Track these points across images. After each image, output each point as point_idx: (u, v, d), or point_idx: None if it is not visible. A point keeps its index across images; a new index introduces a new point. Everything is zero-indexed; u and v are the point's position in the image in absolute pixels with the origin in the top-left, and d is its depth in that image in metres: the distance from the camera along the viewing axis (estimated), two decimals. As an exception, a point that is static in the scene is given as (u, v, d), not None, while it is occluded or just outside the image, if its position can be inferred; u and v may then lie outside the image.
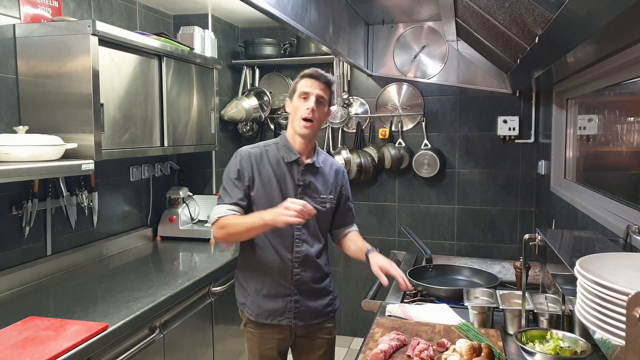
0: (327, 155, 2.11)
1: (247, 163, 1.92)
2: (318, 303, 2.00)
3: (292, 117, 1.93)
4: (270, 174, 1.92)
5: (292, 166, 1.94)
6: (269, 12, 1.77)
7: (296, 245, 1.94)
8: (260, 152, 1.95)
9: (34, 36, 2.18)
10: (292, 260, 1.94)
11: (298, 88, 1.92)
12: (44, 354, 1.58)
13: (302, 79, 1.93)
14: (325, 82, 1.92)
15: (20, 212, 2.26)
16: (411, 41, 3.65)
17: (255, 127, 3.96)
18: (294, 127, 1.92)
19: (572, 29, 1.25)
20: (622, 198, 1.87)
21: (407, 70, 3.67)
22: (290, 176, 1.93)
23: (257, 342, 1.99)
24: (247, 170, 1.91)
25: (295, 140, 1.94)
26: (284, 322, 1.95)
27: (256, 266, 1.96)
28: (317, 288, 2.00)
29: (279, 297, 1.95)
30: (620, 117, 2.05)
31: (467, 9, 2.17)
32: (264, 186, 1.92)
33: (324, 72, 1.94)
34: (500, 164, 3.56)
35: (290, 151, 1.94)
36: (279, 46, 3.76)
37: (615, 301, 0.89)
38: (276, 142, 1.99)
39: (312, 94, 1.88)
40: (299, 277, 1.95)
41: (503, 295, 1.92)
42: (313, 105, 1.87)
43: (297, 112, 1.90)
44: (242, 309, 2.01)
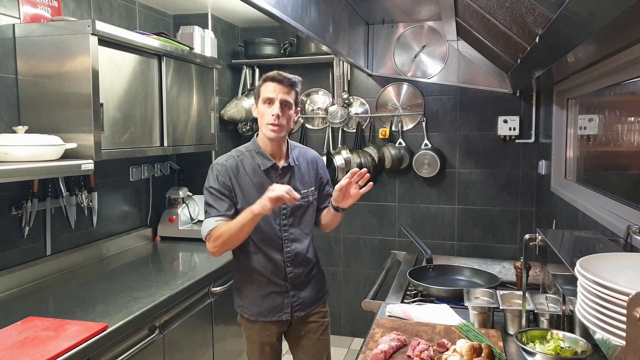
0: (301, 147, 2.12)
1: (224, 177, 1.93)
2: (313, 291, 2.08)
3: (260, 123, 1.94)
4: (250, 184, 1.94)
5: (269, 172, 1.96)
6: (269, 12, 1.77)
7: (285, 245, 1.99)
8: (236, 163, 1.96)
9: (33, 36, 2.18)
10: (283, 260, 1.99)
11: (262, 93, 1.91)
12: (43, 354, 1.58)
13: (264, 82, 1.92)
14: (289, 84, 1.91)
15: (19, 212, 2.26)
16: (411, 41, 3.65)
17: (255, 127, 3.95)
18: (264, 132, 1.93)
19: (573, 29, 1.25)
20: (623, 198, 1.87)
21: (407, 70, 3.67)
22: (269, 182, 1.92)
23: (257, 331, 2.04)
24: (227, 185, 1.92)
25: (267, 144, 1.96)
26: (283, 318, 2.01)
27: (250, 271, 2.00)
28: (308, 279, 2.07)
29: (276, 294, 2.00)
30: (620, 117, 2.05)
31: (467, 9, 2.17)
32: (245, 197, 1.92)
33: (287, 74, 1.92)
34: (501, 164, 3.56)
35: (264, 157, 1.96)
36: (279, 46, 3.76)
37: (616, 301, 0.89)
38: (249, 149, 1.99)
39: (276, 99, 1.88)
40: (292, 275, 2.01)
41: (503, 296, 1.92)
42: (278, 111, 1.87)
43: (263, 118, 1.91)
44: (240, 311, 2.06)
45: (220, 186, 1.92)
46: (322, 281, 2.16)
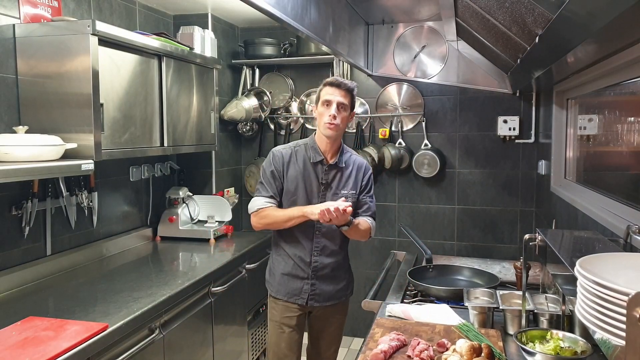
0: (354, 153, 2.30)
1: (278, 163, 2.18)
2: (333, 287, 2.25)
3: (319, 122, 2.15)
4: (298, 172, 2.17)
5: (317, 166, 2.18)
6: (269, 12, 1.77)
7: (316, 236, 2.19)
8: (290, 152, 2.20)
9: (33, 36, 2.18)
10: (311, 248, 2.20)
11: (321, 96, 2.14)
12: (43, 354, 1.58)
13: (324, 87, 2.15)
14: (346, 89, 2.12)
15: (20, 212, 2.26)
16: (411, 41, 3.65)
17: (255, 127, 3.96)
18: (321, 130, 2.14)
19: (573, 29, 1.25)
20: (622, 198, 1.87)
21: (407, 70, 3.67)
22: (314, 175, 2.17)
23: (279, 311, 2.25)
24: (279, 169, 2.17)
25: (322, 141, 2.17)
26: (298, 302, 2.21)
27: (282, 251, 2.24)
28: (333, 275, 2.24)
29: (297, 278, 2.21)
30: (620, 117, 2.05)
31: (467, 9, 2.17)
32: (290, 182, 2.17)
33: (344, 80, 2.15)
34: (501, 164, 3.56)
35: (316, 152, 2.17)
36: (279, 46, 3.76)
37: (616, 301, 0.89)
38: (305, 143, 2.22)
39: (334, 102, 2.10)
40: (317, 264, 2.20)
41: (503, 296, 1.92)
42: (335, 112, 2.09)
43: (321, 118, 2.13)
44: (267, 286, 2.31)
45: (274, 169, 2.17)
46: (345, 281, 2.31)
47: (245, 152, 4.02)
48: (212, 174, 3.57)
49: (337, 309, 2.32)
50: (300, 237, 2.20)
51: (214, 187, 3.58)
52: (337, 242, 2.24)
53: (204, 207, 3.40)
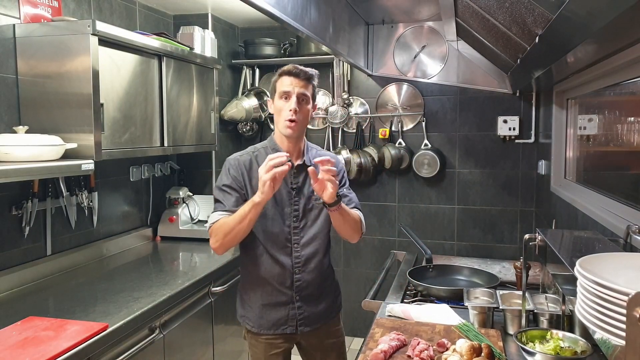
0: (319, 148, 2.03)
1: (236, 172, 1.86)
2: (321, 306, 1.95)
3: (276, 119, 1.85)
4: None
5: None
6: (269, 12, 1.77)
7: (295, 249, 1.87)
8: (250, 159, 1.88)
9: (33, 36, 2.18)
10: (292, 265, 1.87)
11: (278, 87, 1.83)
12: (43, 354, 1.58)
13: (280, 77, 1.83)
14: (306, 78, 1.82)
15: (20, 212, 2.26)
16: (411, 41, 3.65)
17: (255, 127, 3.96)
18: (279, 128, 1.84)
19: (572, 29, 1.25)
20: (622, 198, 1.87)
21: (407, 70, 3.67)
22: (282, 180, 1.78)
23: (262, 349, 1.92)
24: (238, 180, 1.85)
25: (283, 141, 1.87)
26: (287, 331, 1.90)
27: (256, 277, 1.90)
28: (319, 291, 1.94)
29: (280, 305, 1.89)
30: (620, 117, 2.05)
31: (467, 9, 2.17)
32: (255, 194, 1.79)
33: (303, 68, 1.84)
34: (501, 164, 3.56)
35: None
36: (279, 46, 3.76)
37: (616, 301, 0.89)
38: (264, 146, 1.91)
39: (293, 93, 1.79)
40: (300, 283, 1.88)
41: (503, 296, 1.92)
42: (295, 106, 1.78)
43: (280, 114, 1.82)
44: (242, 321, 1.96)
45: (231, 181, 1.85)
46: (334, 295, 2.02)
47: (245, 152, 4.02)
48: (212, 174, 3.57)
49: (331, 332, 2.00)
50: (276, 254, 1.86)
51: (214, 187, 3.57)
52: (320, 250, 1.91)
53: (204, 207, 3.40)
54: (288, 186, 1.87)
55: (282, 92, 1.81)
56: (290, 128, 1.80)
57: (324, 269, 1.95)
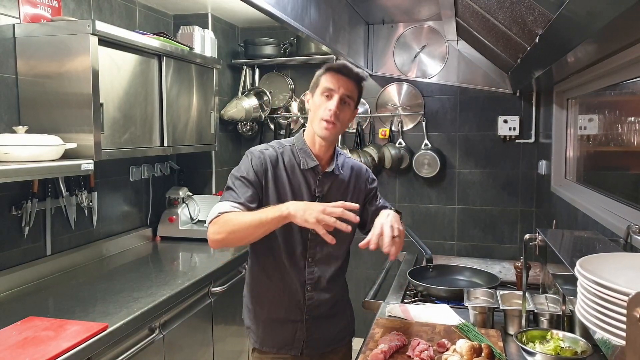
0: (347, 155, 1.83)
1: (259, 166, 1.64)
2: (332, 329, 1.78)
3: (312, 116, 1.65)
4: (285, 182, 1.65)
5: (308, 174, 1.67)
6: (269, 12, 1.77)
7: (309, 265, 1.70)
8: (276, 154, 1.67)
9: (33, 36, 2.18)
10: (304, 282, 1.70)
11: (321, 83, 1.63)
12: (43, 354, 1.57)
13: (326, 72, 1.64)
14: (356, 79, 1.64)
15: (19, 212, 2.26)
16: (411, 41, 3.64)
17: (255, 127, 3.96)
18: (314, 127, 1.64)
19: (573, 29, 1.25)
20: (623, 198, 1.87)
21: (407, 70, 3.67)
22: (306, 186, 1.65)
23: None
24: (260, 174, 1.63)
25: (315, 143, 1.67)
26: (292, 352, 1.73)
27: (264, 288, 1.73)
28: (331, 313, 1.77)
29: (287, 323, 1.72)
30: (620, 117, 2.05)
31: (467, 9, 2.17)
32: (276, 196, 1.64)
33: (355, 68, 1.64)
34: (501, 164, 3.56)
35: (308, 156, 1.67)
36: (279, 46, 3.76)
37: (616, 301, 0.89)
38: (291, 144, 1.71)
39: (337, 93, 1.60)
40: (312, 302, 1.71)
41: (503, 296, 1.91)
42: (335, 107, 1.59)
43: (317, 111, 1.62)
44: (248, 334, 1.81)
45: (253, 173, 1.62)
46: (347, 319, 1.86)
47: (245, 152, 4.02)
48: (212, 174, 3.57)
49: (340, 356, 1.85)
50: (289, 267, 1.68)
51: (214, 187, 3.58)
52: (334, 269, 1.76)
53: (204, 207, 3.40)
54: (311, 193, 1.68)
55: (325, 89, 1.61)
56: (327, 130, 1.60)
57: (338, 289, 1.80)
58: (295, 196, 1.64)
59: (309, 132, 1.69)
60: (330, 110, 1.59)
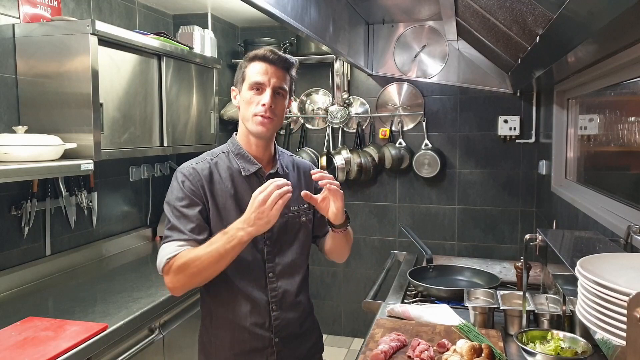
0: (289, 153, 1.67)
1: (195, 184, 1.45)
2: (303, 348, 1.59)
3: (243, 114, 1.47)
4: (226, 195, 1.46)
5: (251, 179, 1.49)
6: (269, 12, 1.76)
7: (270, 281, 1.50)
8: (209, 167, 1.48)
9: (33, 36, 2.18)
10: (268, 301, 1.49)
11: (248, 76, 1.45)
12: (43, 355, 1.57)
13: (251, 62, 1.45)
14: (285, 67, 1.46)
15: (19, 212, 2.26)
16: (412, 41, 3.64)
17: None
18: (247, 126, 1.47)
19: (573, 29, 1.25)
20: (623, 198, 1.87)
21: (407, 69, 3.67)
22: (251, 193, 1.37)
23: None
24: (197, 194, 1.44)
25: (251, 144, 1.50)
26: None
27: (223, 320, 1.52)
28: (301, 331, 1.58)
29: (255, 353, 1.50)
30: (621, 117, 2.04)
31: (467, 9, 2.17)
32: (219, 213, 1.45)
33: (281, 53, 1.47)
34: (501, 164, 3.56)
35: (247, 161, 1.50)
36: (279, 46, 3.75)
37: (616, 301, 0.88)
38: (225, 151, 1.53)
39: (268, 85, 1.43)
40: (279, 322, 1.51)
41: (504, 296, 1.91)
42: (269, 101, 1.42)
43: (248, 108, 1.45)
44: None
45: (188, 196, 1.43)
46: (316, 333, 1.66)
47: (245, 152, 4.01)
48: (212, 174, 3.56)
49: None
50: (249, 288, 1.47)
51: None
52: (299, 280, 1.55)
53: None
54: None
55: (255, 83, 1.43)
56: (262, 125, 1.44)
57: (303, 303, 1.58)
58: (240, 207, 1.44)
59: (243, 133, 1.52)
60: (265, 105, 1.42)
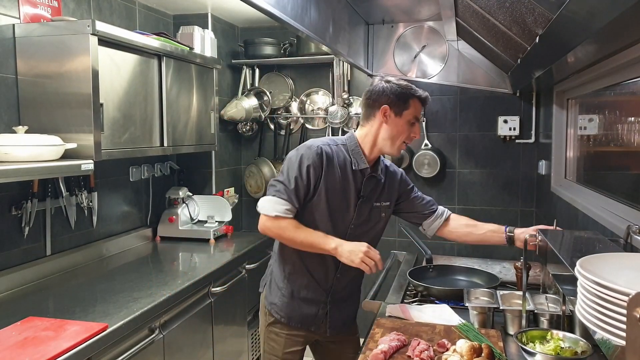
0: (385, 160, 2.01)
1: (319, 162, 1.76)
2: (349, 311, 2.00)
3: (390, 135, 1.80)
4: (336, 180, 1.79)
5: (356, 175, 1.82)
6: (269, 12, 1.77)
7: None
8: (332, 152, 1.79)
9: (33, 36, 2.18)
10: (336, 268, 1.87)
11: (412, 110, 1.80)
12: (43, 354, 1.57)
13: (418, 101, 1.81)
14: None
15: (19, 212, 2.26)
16: (411, 41, 3.64)
17: (255, 127, 3.96)
18: (388, 146, 1.81)
19: (573, 29, 1.25)
20: (623, 198, 1.87)
21: (407, 70, 3.67)
22: (354, 185, 1.81)
23: (282, 344, 1.91)
24: (317, 171, 1.76)
25: (373, 151, 1.84)
26: (312, 329, 1.92)
27: (299, 269, 1.88)
28: (349, 295, 1.98)
29: (313, 302, 1.89)
30: (620, 117, 2.05)
31: (467, 9, 2.17)
32: (328, 191, 1.78)
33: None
34: (501, 164, 3.56)
35: (359, 158, 1.82)
36: (279, 46, 3.76)
37: (616, 301, 0.89)
38: (344, 143, 1.85)
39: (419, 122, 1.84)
40: (338, 284, 1.90)
41: (503, 296, 1.91)
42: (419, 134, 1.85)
43: (399, 137, 1.81)
44: (270, 309, 1.93)
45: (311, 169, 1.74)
46: (357, 304, 2.06)
47: (245, 152, 4.02)
48: (212, 174, 3.57)
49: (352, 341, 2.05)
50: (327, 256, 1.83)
51: (214, 187, 3.58)
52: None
53: (204, 207, 3.40)
54: (357, 193, 1.83)
55: (414, 118, 1.81)
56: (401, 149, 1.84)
57: (359, 276, 1.98)
58: (342, 196, 1.80)
59: (369, 141, 1.83)
60: (414, 136, 1.82)
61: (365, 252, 1.72)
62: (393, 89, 1.80)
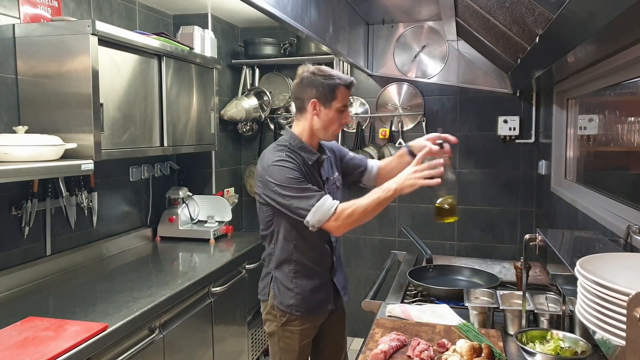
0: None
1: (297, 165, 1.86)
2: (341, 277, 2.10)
3: (323, 125, 1.89)
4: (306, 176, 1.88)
5: (313, 165, 1.95)
6: (269, 12, 1.77)
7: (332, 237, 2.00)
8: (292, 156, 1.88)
9: (33, 36, 2.18)
10: (331, 248, 2.00)
11: (339, 98, 1.87)
12: (43, 354, 1.57)
13: (341, 87, 1.86)
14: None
15: (19, 212, 2.26)
16: (411, 41, 3.64)
17: (255, 127, 3.96)
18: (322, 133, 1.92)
19: (573, 29, 1.25)
20: (623, 198, 1.87)
21: (407, 70, 3.67)
22: (318, 174, 1.95)
23: (297, 339, 1.97)
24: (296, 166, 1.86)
25: (314, 141, 1.96)
26: (329, 308, 2.03)
27: (308, 265, 1.95)
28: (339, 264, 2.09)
29: (322, 286, 1.99)
30: (620, 117, 2.05)
31: (467, 9, 2.17)
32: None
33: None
34: (501, 164, 3.56)
35: (309, 152, 1.93)
36: (279, 46, 3.76)
37: (616, 301, 0.89)
38: (289, 145, 1.92)
39: (348, 106, 1.91)
40: (336, 261, 2.03)
41: (503, 296, 1.92)
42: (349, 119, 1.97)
43: (332, 125, 1.90)
44: (290, 310, 1.95)
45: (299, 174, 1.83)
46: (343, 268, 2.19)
47: (245, 152, 4.02)
48: (212, 174, 3.57)
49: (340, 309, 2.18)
50: (321, 238, 1.94)
51: (214, 187, 3.58)
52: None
53: (204, 207, 3.40)
54: (321, 180, 1.96)
55: (343, 106, 1.89)
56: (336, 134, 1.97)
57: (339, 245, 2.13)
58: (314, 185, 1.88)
59: (307, 133, 1.93)
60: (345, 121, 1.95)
61: (415, 171, 1.79)
62: (319, 82, 1.86)
